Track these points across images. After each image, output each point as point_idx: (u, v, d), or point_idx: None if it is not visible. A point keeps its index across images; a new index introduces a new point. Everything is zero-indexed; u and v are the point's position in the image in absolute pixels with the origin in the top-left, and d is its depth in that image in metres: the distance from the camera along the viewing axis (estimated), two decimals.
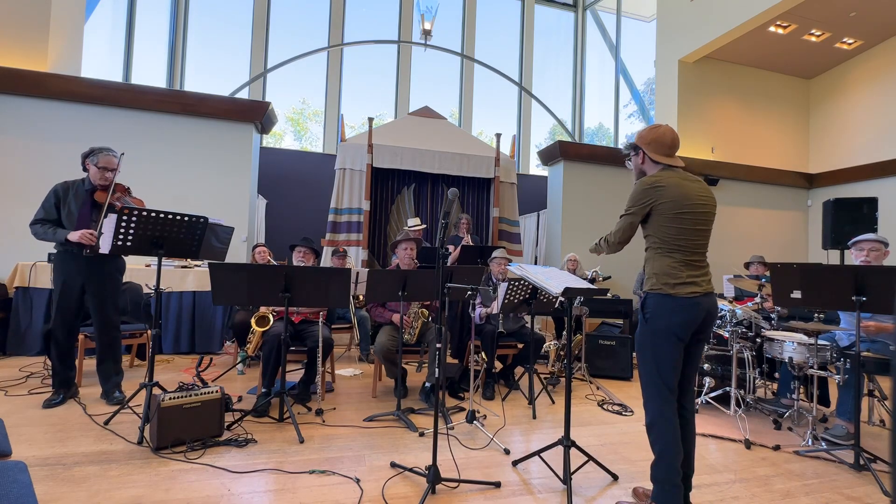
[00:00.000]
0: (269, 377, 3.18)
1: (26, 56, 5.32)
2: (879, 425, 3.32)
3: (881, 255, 3.02)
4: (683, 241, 1.90)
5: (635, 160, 2.09)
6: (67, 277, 3.02)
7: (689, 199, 1.90)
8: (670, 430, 1.88)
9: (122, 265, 3.29)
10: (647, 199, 1.94)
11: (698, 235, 1.93)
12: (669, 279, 1.89)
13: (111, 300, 3.16)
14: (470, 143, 6.87)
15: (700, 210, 1.92)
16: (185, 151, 5.65)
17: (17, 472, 1.20)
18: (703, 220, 1.93)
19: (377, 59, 9.71)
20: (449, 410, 3.24)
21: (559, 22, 10.97)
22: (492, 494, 2.15)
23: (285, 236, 6.75)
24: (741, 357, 3.43)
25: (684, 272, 1.89)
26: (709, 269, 1.98)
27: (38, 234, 2.98)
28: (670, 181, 1.92)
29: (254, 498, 2.03)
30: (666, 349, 1.90)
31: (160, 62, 8.18)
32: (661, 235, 1.94)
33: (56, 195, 3.03)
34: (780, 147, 8.37)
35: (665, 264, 1.92)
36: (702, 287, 1.89)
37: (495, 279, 4.07)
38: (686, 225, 1.90)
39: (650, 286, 1.95)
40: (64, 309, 3.03)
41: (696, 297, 1.87)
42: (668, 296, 1.88)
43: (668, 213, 1.91)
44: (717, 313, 1.98)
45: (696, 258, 1.93)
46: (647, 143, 2.01)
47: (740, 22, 6.72)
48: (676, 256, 1.91)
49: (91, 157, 3.00)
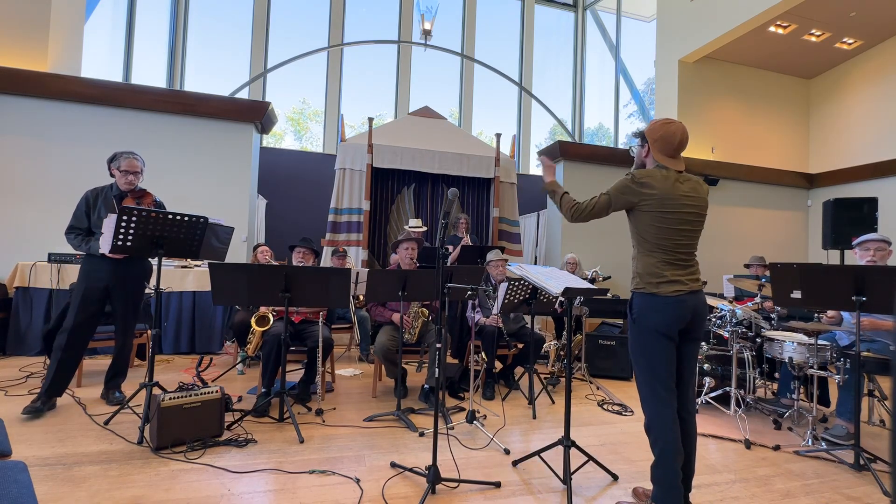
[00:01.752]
0: (269, 377, 3.18)
1: (26, 56, 5.32)
2: (879, 425, 3.32)
3: (886, 254, 3.03)
4: (665, 241, 1.91)
5: (638, 151, 2.07)
6: (91, 279, 2.97)
7: (673, 199, 1.90)
8: (668, 431, 1.87)
9: (149, 268, 3.21)
10: (630, 192, 1.94)
11: (682, 235, 1.92)
12: (653, 278, 1.91)
13: (134, 305, 3.15)
14: (470, 143, 6.86)
15: (686, 210, 1.92)
16: (185, 151, 5.65)
17: (17, 472, 1.20)
18: (688, 220, 1.93)
19: (377, 59, 9.71)
20: (449, 410, 3.24)
21: (559, 22, 10.97)
22: (492, 494, 2.15)
23: (285, 236, 6.75)
24: (741, 357, 3.43)
25: (668, 271, 1.90)
26: (696, 267, 1.98)
27: (72, 244, 2.99)
28: (659, 182, 1.91)
29: (254, 498, 2.03)
30: (656, 348, 1.90)
31: (160, 62, 8.18)
32: (644, 235, 1.95)
33: (87, 202, 3.03)
34: (780, 147, 8.37)
35: (648, 263, 1.93)
36: (687, 286, 1.90)
37: (494, 281, 4.07)
38: (669, 224, 1.90)
39: (635, 285, 1.98)
40: (82, 311, 2.93)
41: (680, 295, 1.88)
42: (653, 294, 1.90)
43: (650, 212, 1.91)
44: (706, 311, 1.97)
45: (680, 257, 1.93)
46: (654, 140, 1.98)
47: (740, 22, 6.72)
48: (658, 255, 1.92)
49: (114, 161, 3.02)
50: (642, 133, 2.03)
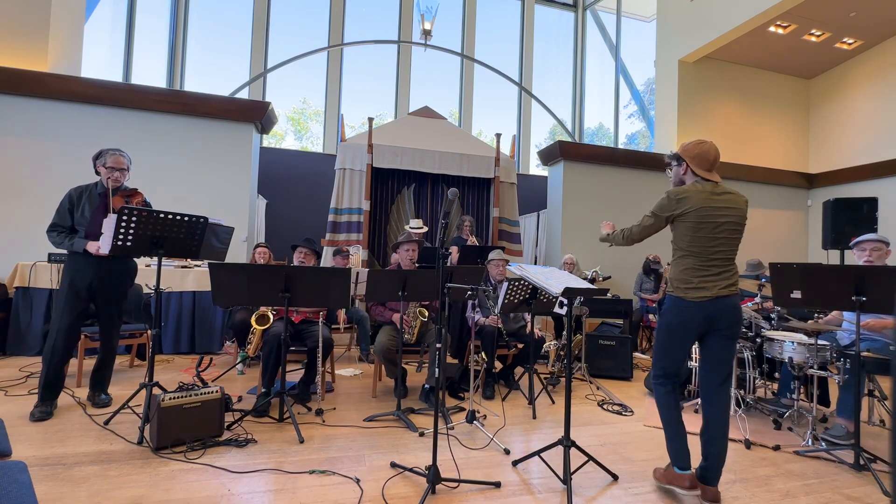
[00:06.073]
0: (269, 377, 3.18)
1: (26, 56, 5.32)
2: (879, 425, 3.32)
3: (883, 254, 3.02)
4: (698, 248, 2.11)
5: (677, 170, 2.26)
6: (75, 277, 2.93)
7: (709, 210, 2.09)
8: (665, 412, 2.21)
9: (134, 268, 3.20)
10: (669, 208, 2.16)
11: (716, 243, 2.10)
12: (682, 284, 2.15)
13: (118, 304, 3.11)
14: (470, 143, 6.86)
15: (721, 220, 2.10)
16: (185, 151, 5.65)
17: (17, 472, 1.20)
18: (724, 229, 2.11)
19: (377, 59, 9.71)
20: (449, 410, 3.24)
21: (559, 22, 10.97)
22: (492, 494, 2.15)
23: (285, 236, 6.75)
24: (741, 357, 3.43)
25: (696, 278, 2.11)
26: (730, 273, 2.13)
27: (54, 241, 2.93)
28: (696, 194, 2.11)
29: (254, 498, 2.03)
30: (671, 340, 2.20)
31: (160, 62, 8.18)
32: (679, 243, 2.18)
33: (70, 200, 2.98)
34: (780, 147, 8.37)
35: (679, 269, 2.17)
36: (711, 292, 2.09)
37: (493, 281, 4.07)
38: (703, 233, 2.10)
39: (670, 289, 2.22)
40: (70, 310, 2.90)
41: (703, 301, 2.09)
42: (680, 298, 2.15)
43: (687, 222, 2.12)
44: (732, 313, 2.12)
45: (712, 263, 2.11)
46: (691, 157, 2.18)
47: (740, 22, 6.72)
48: (689, 262, 2.14)
49: (99, 158, 2.98)
50: (677, 155, 2.24)
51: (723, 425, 2.15)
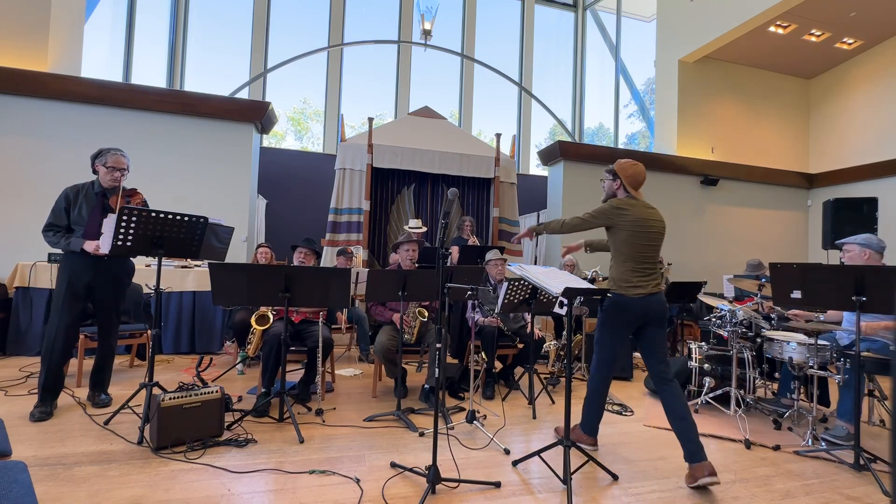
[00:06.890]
0: (269, 377, 3.18)
1: (26, 56, 5.32)
2: (879, 425, 3.32)
3: (854, 255, 3.03)
4: (636, 254, 2.48)
5: (610, 184, 2.64)
6: (73, 276, 2.90)
7: (645, 223, 2.48)
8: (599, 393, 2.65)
9: (132, 267, 3.19)
10: (610, 217, 2.52)
11: (648, 250, 2.50)
12: (624, 283, 2.49)
13: (116, 304, 3.09)
14: (470, 143, 6.87)
15: (652, 231, 2.50)
16: (185, 151, 5.66)
17: (17, 472, 1.20)
18: (654, 238, 2.51)
19: (377, 59, 9.72)
20: (449, 410, 3.24)
21: (559, 22, 10.98)
22: (492, 494, 2.15)
23: (285, 236, 6.76)
24: (741, 357, 3.43)
25: (635, 278, 2.47)
26: (657, 274, 2.54)
27: (50, 241, 2.89)
28: (634, 209, 2.49)
29: (254, 498, 2.03)
30: (613, 332, 2.55)
31: (160, 62, 8.19)
32: (620, 248, 2.52)
33: (66, 199, 2.94)
34: (780, 147, 8.37)
35: (621, 271, 2.50)
36: (646, 290, 2.46)
37: (493, 281, 4.06)
38: (640, 241, 2.47)
39: (613, 287, 2.53)
40: (69, 310, 2.88)
41: (641, 297, 2.45)
42: (622, 295, 2.48)
43: (627, 230, 2.47)
44: (661, 306, 2.48)
45: (645, 266, 2.49)
46: (626, 176, 2.56)
47: (740, 22, 6.72)
48: (629, 265, 2.49)
49: (99, 157, 2.95)
50: (613, 170, 2.60)
51: (684, 402, 2.38)
